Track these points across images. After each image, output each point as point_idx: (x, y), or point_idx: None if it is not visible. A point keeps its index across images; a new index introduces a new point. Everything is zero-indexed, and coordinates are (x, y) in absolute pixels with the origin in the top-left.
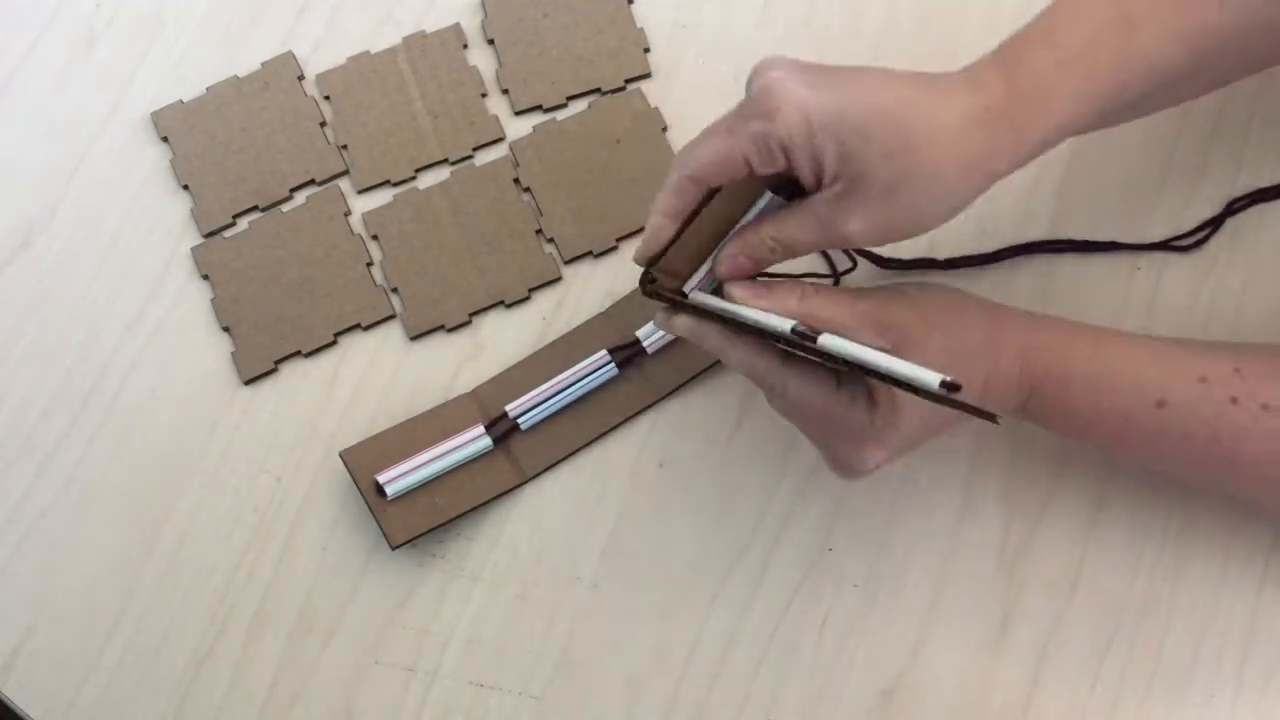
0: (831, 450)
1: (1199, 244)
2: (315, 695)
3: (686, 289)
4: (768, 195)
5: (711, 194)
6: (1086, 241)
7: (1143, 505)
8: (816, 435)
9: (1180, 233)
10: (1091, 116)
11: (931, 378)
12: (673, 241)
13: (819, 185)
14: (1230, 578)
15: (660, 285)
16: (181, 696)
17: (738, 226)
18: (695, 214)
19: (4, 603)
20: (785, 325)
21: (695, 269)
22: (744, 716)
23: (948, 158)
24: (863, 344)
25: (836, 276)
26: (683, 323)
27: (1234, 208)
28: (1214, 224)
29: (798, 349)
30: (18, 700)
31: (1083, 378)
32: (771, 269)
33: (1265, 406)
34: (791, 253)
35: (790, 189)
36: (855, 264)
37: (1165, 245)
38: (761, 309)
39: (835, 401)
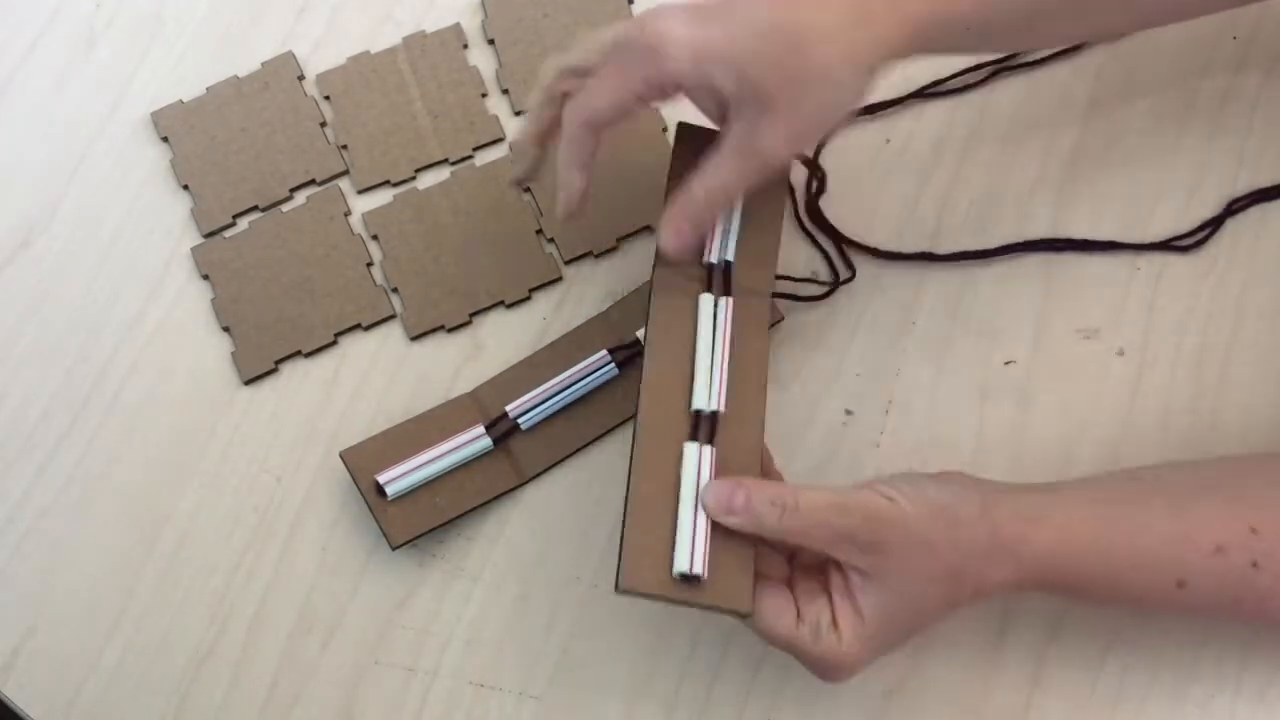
0: (811, 669)
1: (1199, 244)
2: (315, 695)
3: None
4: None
5: None
6: (1086, 240)
7: None
8: (796, 656)
9: (1181, 232)
10: (973, 15)
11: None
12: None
13: (723, 117)
14: None
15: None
16: (181, 696)
17: None
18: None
19: (4, 603)
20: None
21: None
22: (744, 716)
23: (835, 56)
24: (840, 558)
25: (834, 286)
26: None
27: (1234, 208)
28: (1214, 224)
29: None
30: (18, 700)
31: (1094, 576)
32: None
33: None
34: (726, 196)
35: None
36: (854, 273)
37: (1166, 245)
38: (736, 525)
39: (798, 638)
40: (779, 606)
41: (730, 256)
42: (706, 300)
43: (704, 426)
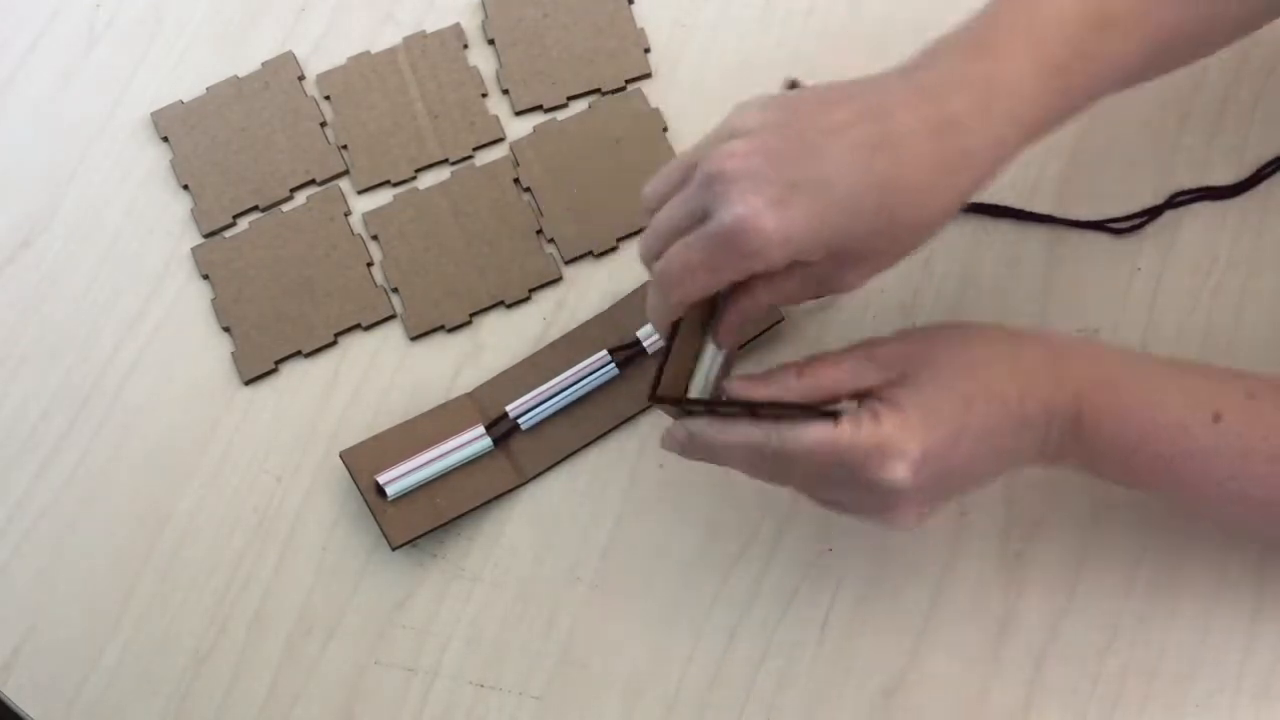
0: (862, 494)
1: (1134, 229)
2: (315, 695)
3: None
4: None
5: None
6: (1020, 210)
7: (1144, 504)
8: (841, 488)
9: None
10: (1056, 124)
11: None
12: (661, 369)
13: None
14: (1231, 578)
15: (665, 393)
16: (181, 696)
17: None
18: (674, 334)
19: (4, 603)
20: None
21: (691, 378)
22: (744, 716)
23: (932, 210)
24: (869, 383)
25: None
26: (690, 429)
27: (1175, 201)
28: (1152, 213)
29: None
30: (18, 700)
31: (1132, 389)
32: None
33: None
34: (785, 304)
35: None
36: None
37: (1099, 225)
38: (765, 397)
39: (840, 434)
40: (814, 417)
41: None
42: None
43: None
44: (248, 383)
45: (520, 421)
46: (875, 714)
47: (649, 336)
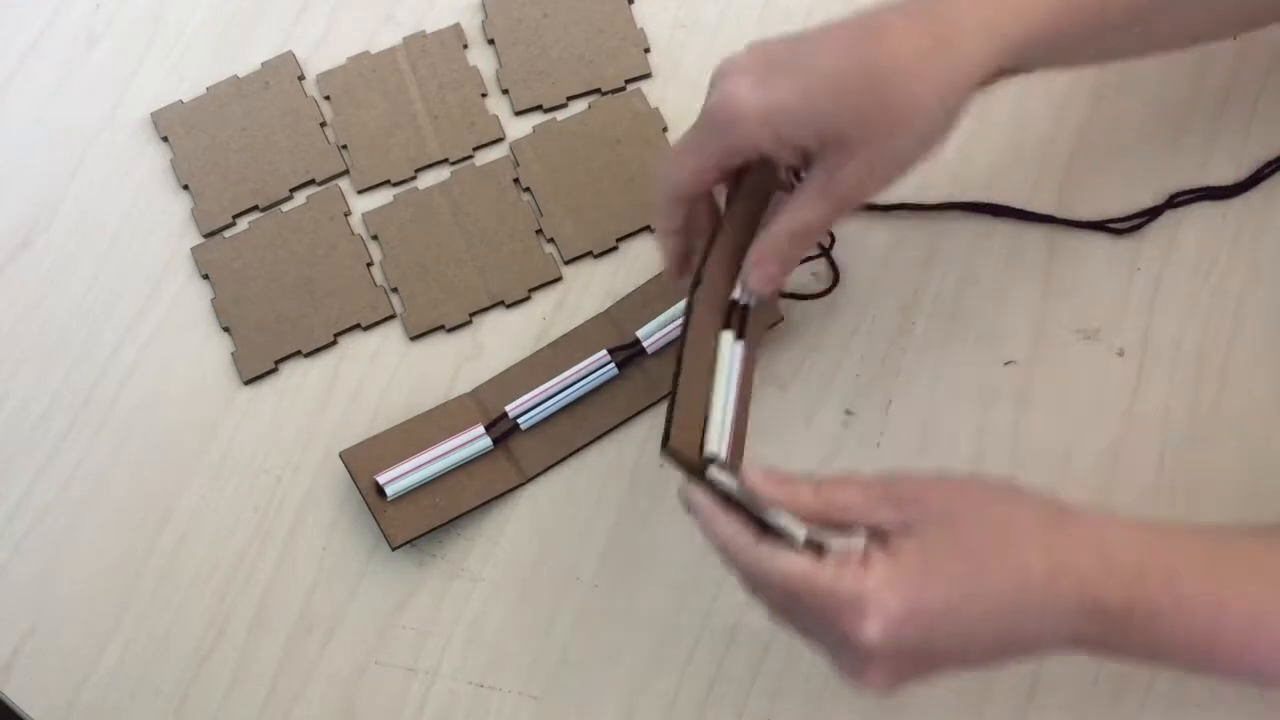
0: (829, 642)
1: (1133, 229)
2: (315, 695)
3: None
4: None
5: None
6: (1021, 210)
7: (1145, 500)
8: (809, 630)
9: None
10: (1059, 34)
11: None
12: (674, 394)
13: (808, 161)
14: None
15: (677, 448)
16: (181, 697)
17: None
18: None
19: (4, 603)
20: (798, 533)
21: (711, 394)
22: (744, 716)
23: (919, 91)
24: (880, 521)
25: (834, 285)
26: (689, 499)
27: (1175, 201)
28: (1151, 213)
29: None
30: (18, 700)
31: (1195, 567)
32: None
33: None
34: (810, 237)
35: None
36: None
37: (1099, 226)
38: (774, 499)
39: (818, 572)
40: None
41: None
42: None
43: (736, 317)
44: (248, 383)
45: (520, 421)
46: (875, 714)
47: (649, 336)
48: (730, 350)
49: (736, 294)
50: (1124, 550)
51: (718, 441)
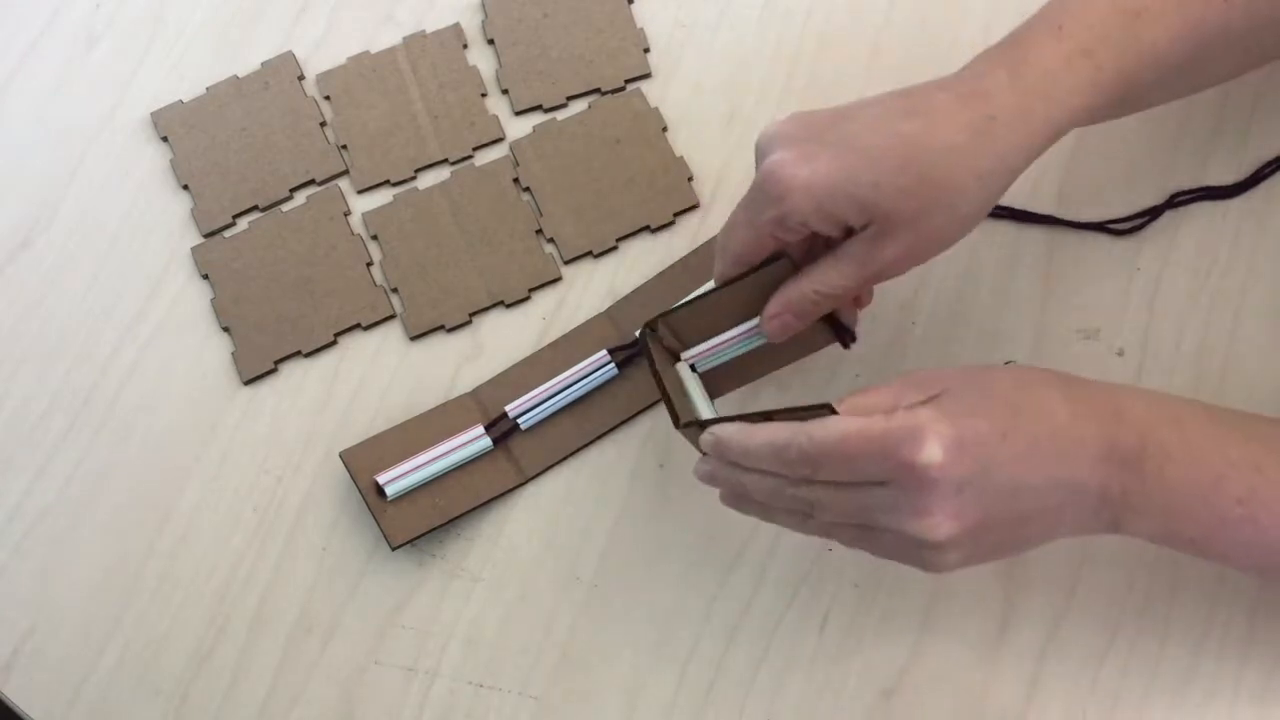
0: (895, 495)
1: (1134, 230)
2: (315, 695)
3: (685, 355)
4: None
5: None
6: (1024, 211)
7: None
8: (873, 495)
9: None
10: (1096, 109)
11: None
12: (669, 400)
13: (849, 233)
14: (1230, 577)
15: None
16: (181, 697)
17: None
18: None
19: (4, 603)
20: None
21: (705, 338)
22: (744, 716)
23: (963, 175)
24: (910, 402)
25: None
26: (719, 434)
27: (1175, 200)
28: (1152, 213)
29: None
30: (18, 700)
31: (1201, 428)
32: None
33: None
34: (833, 301)
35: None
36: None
37: (1100, 227)
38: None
39: (872, 421)
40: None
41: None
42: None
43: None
44: (248, 383)
45: (520, 421)
46: (875, 714)
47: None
48: (690, 375)
49: (685, 356)
50: (1134, 404)
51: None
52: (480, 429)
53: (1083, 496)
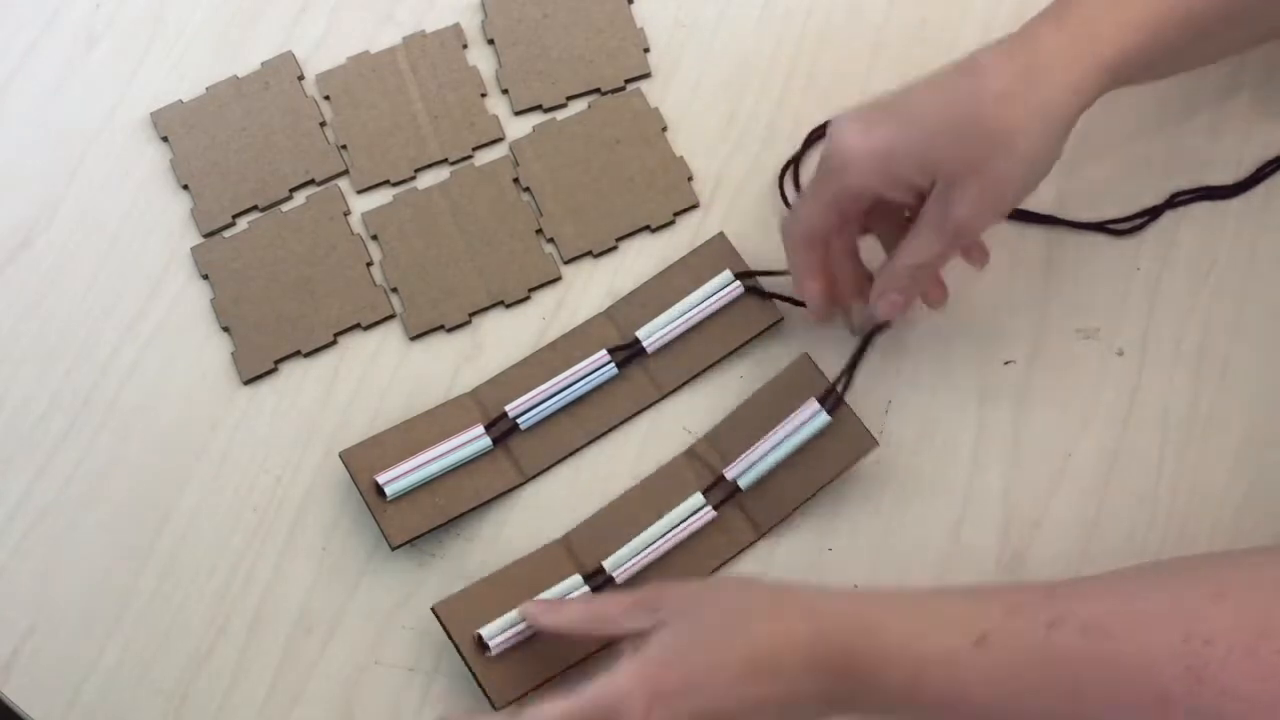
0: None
1: (1134, 230)
2: (315, 695)
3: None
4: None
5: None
6: (1023, 210)
7: (1145, 501)
8: None
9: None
10: (1139, 54)
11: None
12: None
13: (921, 199)
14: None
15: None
16: (181, 697)
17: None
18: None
19: (4, 603)
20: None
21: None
22: None
23: (1016, 116)
24: (640, 626)
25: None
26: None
27: (1175, 201)
28: (1152, 213)
29: None
30: (18, 700)
31: (895, 628)
32: None
33: (1085, 629)
34: (929, 269)
35: None
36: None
37: (1100, 227)
38: (552, 624)
39: (574, 697)
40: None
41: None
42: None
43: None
44: (247, 383)
45: (520, 421)
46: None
47: (649, 336)
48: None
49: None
50: (833, 616)
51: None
52: (480, 429)
53: (806, 707)
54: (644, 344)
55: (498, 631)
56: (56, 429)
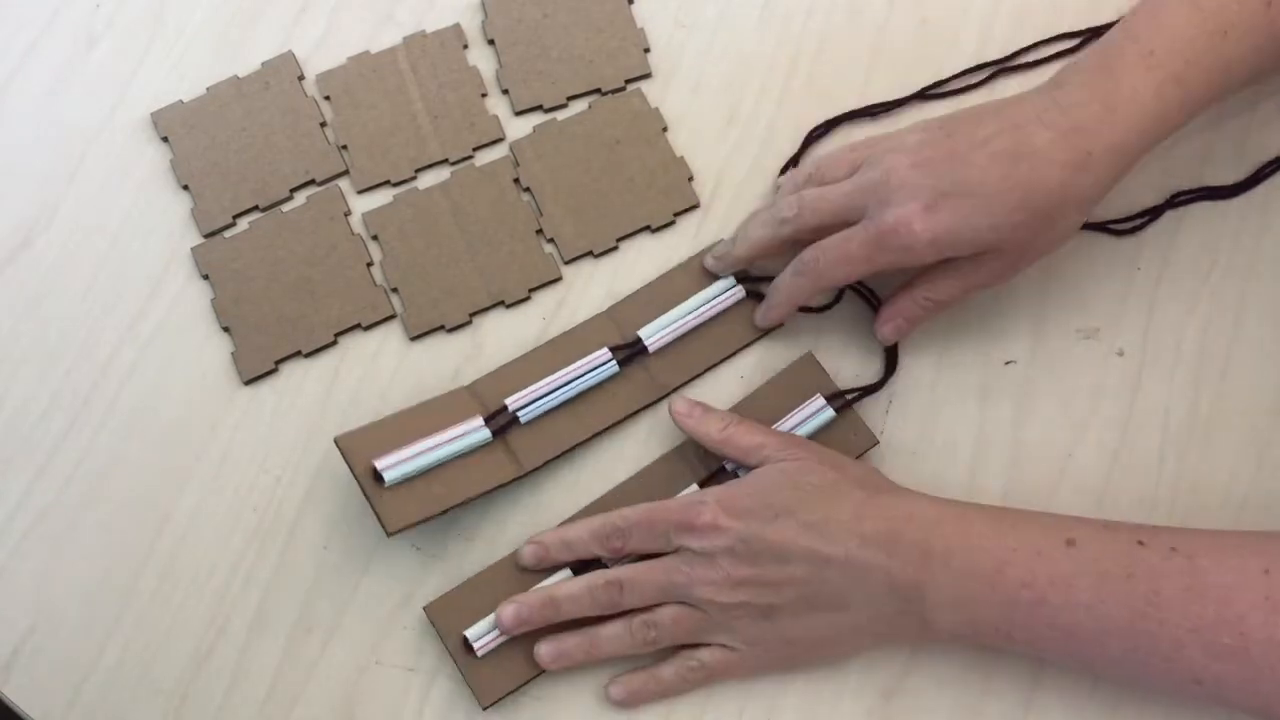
0: (688, 560)
1: (1135, 230)
2: (315, 695)
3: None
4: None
5: None
6: None
7: (1145, 500)
8: (670, 557)
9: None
10: (1182, 124)
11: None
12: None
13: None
14: None
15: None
16: (181, 696)
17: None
18: None
19: (4, 603)
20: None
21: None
22: (744, 716)
23: (1065, 205)
24: (762, 459)
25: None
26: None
27: (1175, 200)
28: (1153, 213)
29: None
30: (18, 700)
31: (986, 517)
32: None
33: (1173, 549)
34: (938, 308)
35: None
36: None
37: (1101, 227)
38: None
39: (668, 501)
40: None
41: None
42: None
43: None
44: (248, 383)
45: (520, 414)
46: (875, 714)
47: (651, 335)
48: None
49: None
50: (925, 508)
51: None
52: (480, 420)
53: (863, 578)
54: (646, 343)
55: (484, 632)
56: (56, 429)
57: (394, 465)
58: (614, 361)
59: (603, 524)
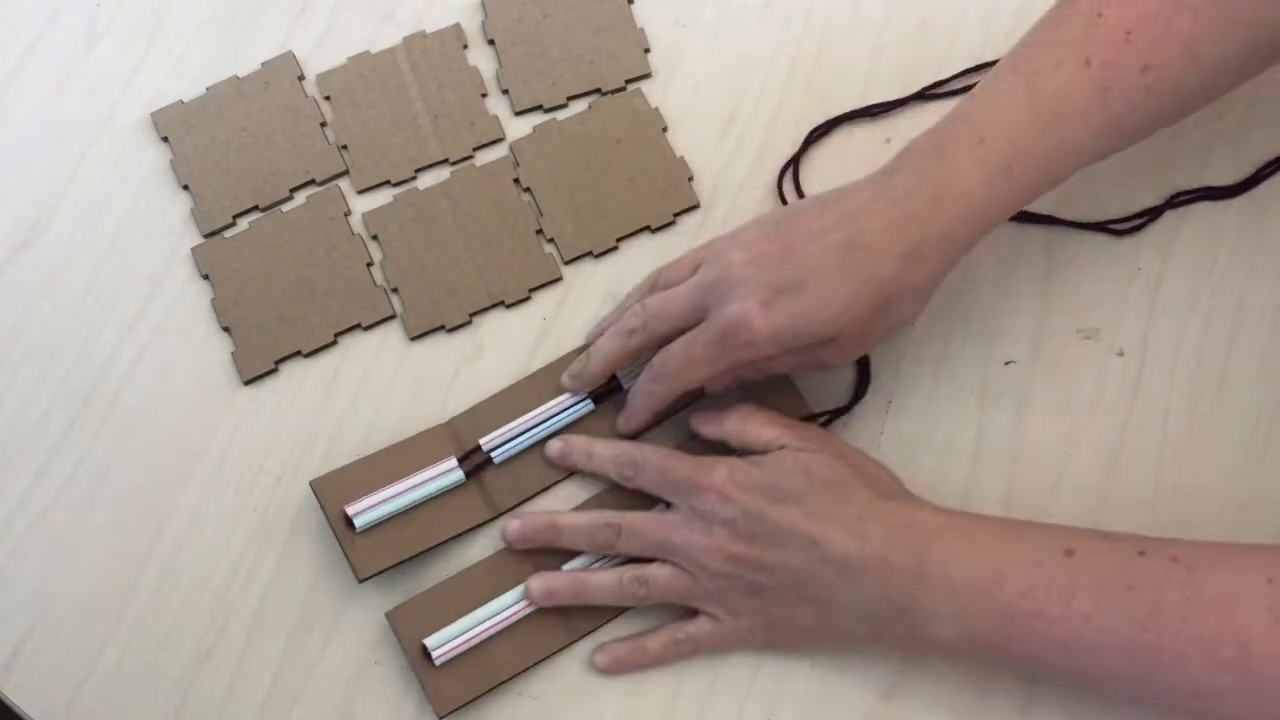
0: (687, 519)
1: (1134, 230)
2: (315, 695)
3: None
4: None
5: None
6: (1024, 212)
7: (1145, 501)
8: (672, 512)
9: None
10: (1016, 209)
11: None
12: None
13: None
14: None
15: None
16: (181, 696)
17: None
18: None
19: (4, 603)
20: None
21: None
22: (744, 716)
23: (901, 294)
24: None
25: None
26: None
27: (1175, 201)
28: (1152, 213)
29: None
30: (18, 700)
31: (988, 528)
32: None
33: (1174, 560)
34: (769, 379)
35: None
36: None
37: (1100, 227)
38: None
39: (685, 458)
40: None
41: None
42: None
43: None
44: (248, 383)
45: (493, 455)
46: (875, 715)
47: (624, 373)
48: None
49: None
50: (928, 517)
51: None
52: (453, 461)
53: (856, 579)
54: (619, 379)
55: (444, 641)
56: (56, 429)
57: (365, 510)
58: (589, 399)
59: (623, 451)
